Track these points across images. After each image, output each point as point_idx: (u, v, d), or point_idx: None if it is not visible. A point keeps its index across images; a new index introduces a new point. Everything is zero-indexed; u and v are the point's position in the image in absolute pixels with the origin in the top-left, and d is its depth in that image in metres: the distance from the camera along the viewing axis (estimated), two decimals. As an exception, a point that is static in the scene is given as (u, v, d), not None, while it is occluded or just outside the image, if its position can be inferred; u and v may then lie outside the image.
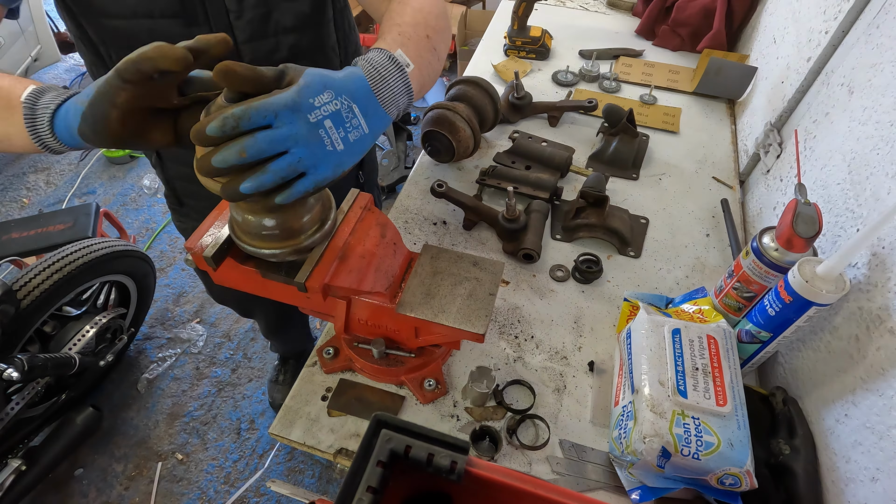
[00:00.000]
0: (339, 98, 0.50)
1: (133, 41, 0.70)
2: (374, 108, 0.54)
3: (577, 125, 1.29)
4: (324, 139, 0.48)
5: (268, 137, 0.45)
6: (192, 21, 0.74)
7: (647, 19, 1.59)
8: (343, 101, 0.50)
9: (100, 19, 0.71)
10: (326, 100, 0.49)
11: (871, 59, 0.81)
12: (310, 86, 0.48)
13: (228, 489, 1.65)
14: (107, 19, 0.71)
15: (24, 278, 1.37)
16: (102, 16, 0.71)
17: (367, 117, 0.52)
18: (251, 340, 2.04)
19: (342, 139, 0.50)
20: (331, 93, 0.49)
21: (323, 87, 0.49)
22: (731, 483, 0.61)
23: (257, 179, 0.46)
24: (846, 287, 0.64)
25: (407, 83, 0.59)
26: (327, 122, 0.48)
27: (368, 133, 0.53)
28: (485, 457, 0.71)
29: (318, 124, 0.48)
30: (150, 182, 2.65)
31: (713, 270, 0.97)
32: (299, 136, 0.46)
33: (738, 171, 1.20)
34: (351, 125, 0.51)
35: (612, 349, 0.85)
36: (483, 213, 0.99)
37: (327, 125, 0.49)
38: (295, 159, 0.46)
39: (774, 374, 0.82)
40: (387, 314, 0.72)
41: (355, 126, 0.51)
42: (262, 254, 0.57)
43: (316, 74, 0.49)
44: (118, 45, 0.74)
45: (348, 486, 0.36)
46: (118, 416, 1.81)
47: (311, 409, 0.77)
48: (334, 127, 0.49)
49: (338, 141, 0.49)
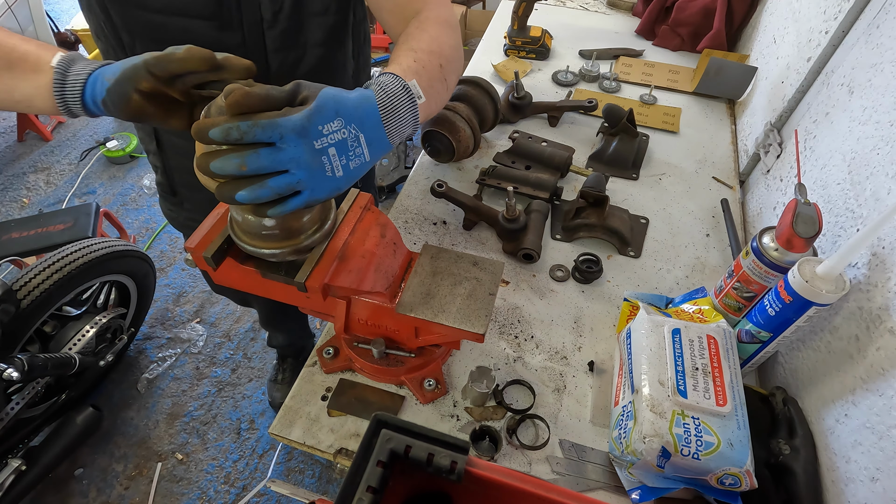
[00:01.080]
0: (348, 126, 0.50)
1: (163, 36, 0.72)
2: (379, 138, 0.54)
3: (577, 125, 1.29)
4: (325, 165, 0.49)
5: (270, 157, 0.45)
6: (227, 26, 0.74)
7: (647, 19, 1.59)
8: (351, 131, 0.50)
9: (132, 9, 0.71)
10: (335, 128, 0.49)
11: (871, 59, 0.81)
12: (321, 111, 0.48)
13: (228, 489, 1.65)
14: (139, 10, 0.71)
15: (24, 278, 1.37)
16: (135, 6, 0.70)
17: (370, 145, 0.52)
18: (251, 340, 2.04)
19: (343, 166, 0.50)
20: (341, 121, 0.49)
21: (335, 113, 0.49)
22: (731, 483, 0.61)
23: (254, 192, 0.46)
24: (846, 287, 0.64)
25: (415, 115, 0.59)
26: (332, 150, 0.49)
27: (369, 161, 0.53)
28: (485, 457, 0.71)
29: (322, 151, 0.48)
30: (150, 182, 2.65)
31: (713, 270, 0.97)
32: (301, 160, 0.47)
33: (738, 171, 1.20)
34: (354, 153, 0.51)
35: (612, 349, 0.85)
36: (483, 213, 0.99)
37: (331, 153, 0.49)
38: (294, 180, 0.47)
39: (774, 374, 0.82)
40: (387, 314, 0.72)
41: (358, 154, 0.51)
42: (262, 253, 0.57)
43: (330, 99, 0.49)
44: (145, 37, 0.74)
45: (348, 486, 0.36)
46: (118, 416, 1.81)
47: (310, 409, 0.77)
48: (338, 155, 0.49)
49: (338, 168, 0.50)
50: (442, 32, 0.71)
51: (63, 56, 0.55)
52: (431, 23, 0.72)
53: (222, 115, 0.46)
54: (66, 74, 0.54)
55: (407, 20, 0.74)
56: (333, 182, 0.50)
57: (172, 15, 0.72)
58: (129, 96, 0.51)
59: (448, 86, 0.70)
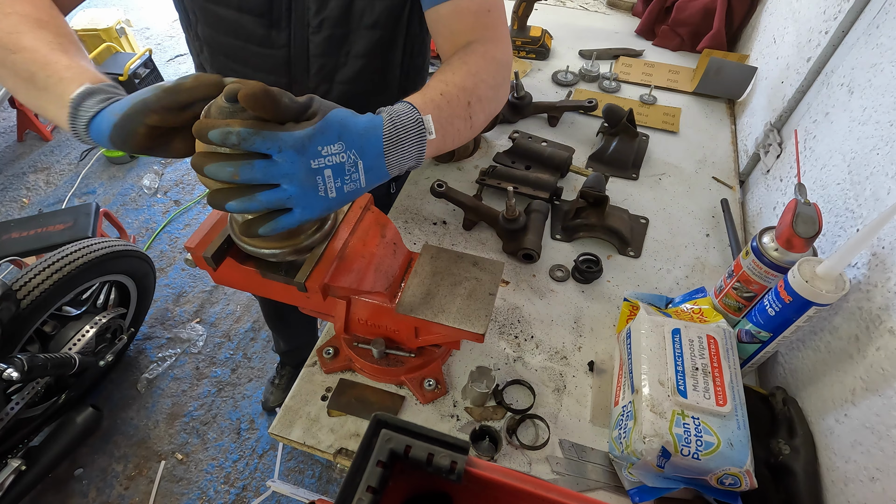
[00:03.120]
0: (348, 152, 0.49)
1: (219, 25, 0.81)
2: (378, 167, 0.53)
3: (577, 125, 1.29)
4: (318, 185, 0.48)
5: (263, 169, 0.45)
6: (276, 24, 0.78)
7: (647, 19, 1.60)
8: (350, 156, 0.50)
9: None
10: (335, 151, 0.48)
11: (871, 59, 0.81)
12: (324, 132, 0.47)
13: (228, 489, 1.65)
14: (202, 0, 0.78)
15: (24, 278, 1.37)
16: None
17: (367, 172, 0.52)
18: (251, 340, 2.04)
19: (336, 188, 0.50)
20: (342, 145, 0.49)
21: (337, 137, 0.48)
22: (731, 483, 0.61)
23: (243, 203, 0.46)
24: (846, 287, 0.64)
25: (421, 150, 0.57)
26: (328, 171, 0.48)
27: (364, 187, 0.52)
28: (485, 457, 0.71)
29: (317, 171, 0.48)
30: (150, 182, 2.65)
31: (713, 270, 0.97)
32: (294, 177, 0.46)
33: (738, 171, 1.20)
34: (350, 178, 0.50)
35: (612, 349, 0.85)
36: (483, 213, 0.99)
37: (326, 174, 0.48)
38: (284, 196, 0.47)
39: (774, 374, 0.82)
40: (387, 314, 0.72)
41: (354, 180, 0.51)
42: (262, 253, 0.57)
43: (336, 122, 0.48)
44: (205, 24, 0.82)
45: (348, 486, 0.36)
46: (118, 416, 1.81)
47: (311, 409, 0.77)
48: (333, 177, 0.49)
49: (332, 189, 0.49)
50: (484, 68, 0.69)
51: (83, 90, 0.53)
52: (478, 56, 0.70)
53: (222, 115, 0.46)
54: (78, 110, 0.53)
55: (458, 48, 0.72)
56: (325, 202, 0.50)
57: (229, 7, 0.77)
58: (136, 132, 0.50)
59: (472, 124, 0.67)
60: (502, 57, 0.73)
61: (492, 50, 0.72)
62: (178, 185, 2.68)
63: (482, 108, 0.68)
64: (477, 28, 0.73)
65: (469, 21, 0.72)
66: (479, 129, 0.71)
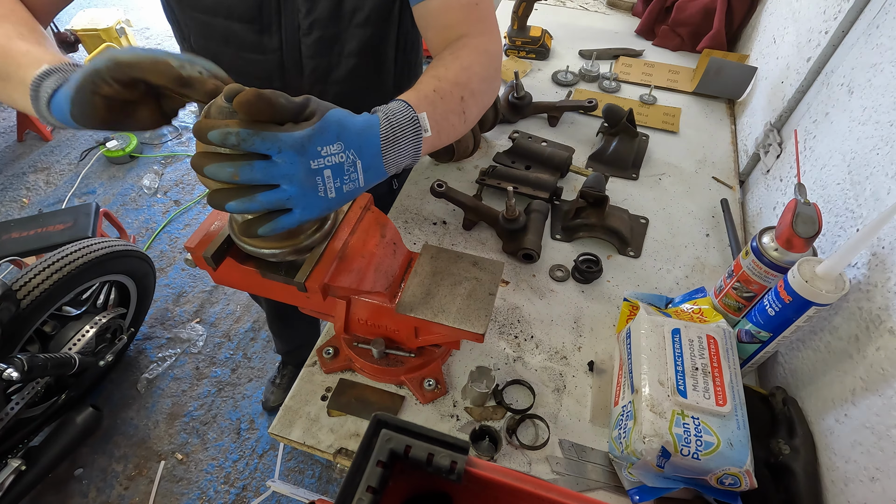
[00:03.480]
0: (347, 152, 0.50)
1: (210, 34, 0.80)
2: (376, 166, 0.53)
3: (577, 125, 1.29)
4: (318, 186, 0.48)
5: (263, 170, 0.45)
6: (266, 29, 0.78)
7: (647, 19, 1.60)
8: (349, 156, 0.50)
9: (186, 9, 0.79)
10: (334, 151, 0.48)
11: (871, 59, 0.81)
12: (323, 133, 0.47)
13: (228, 489, 1.65)
14: (191, 10, 0.78)
15: (24, 278, 1.37)
16: (189, 6, 0.78)
17: (366, 172, 0.52)
18: (251, 340, 2.04)
19: (336, 188, 0.50)
20: (341, 144, 0.49)
21: (336, 137, 0.48)
22: (731, 483, 0.61)
23: (242, 204, 0.46)
24: (846, 287, 0.64)
25: (417, 148, 0.58)
26: (327, 171, 0.49)
27: (363, 186, 0.53)
28: (484, 457, 0.71)
29: (317, 171, 0.48)
30: (149, 182, 2.65)
31: (713, 270, 0.97)
32: (294, 177, 0.46)
33: (738, 171, 1.20)
34: (349, 178, 0.51)
35: (611, 349, 0.85)
36: (483, 213, 0.99)
37: (326, 174, 0.49)
38: (284, 196, 0.47)
39: (774, 374, 0.82)
40: (386, 314, 0.72)
41: (353, 179, 0.51)
42: (262, 253, 0.57)
43: (334, 122, 0.48)
44: (197, 34, 0.82)
45: (348, 486, 0.36)
46: (118, 416, 1.81)
47: (310, 409, 0.77)
48: (332, 177, 0.49)
49: (331, 190, 0.50)
50: (476, 62, 0.69)
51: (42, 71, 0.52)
52: (469, 50, 0.70)
53: (222, 115, 0.45)
54: (38, 92, 0.52)
55: (449, 42, 0.72)
56: (324, 202, 0.50)
57: (217, 16, 0.76)
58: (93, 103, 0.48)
59: (466, 119, 0.68)
60: (492, 48, 0.74)
61: (483, 43, 0.72)
62: (178, 185, 2.68)
63: (475, 102, 0.69)
64: (466, 21, 0.73)
65: (458, 15, 0.73)
66: (472, 122, 0.71)
